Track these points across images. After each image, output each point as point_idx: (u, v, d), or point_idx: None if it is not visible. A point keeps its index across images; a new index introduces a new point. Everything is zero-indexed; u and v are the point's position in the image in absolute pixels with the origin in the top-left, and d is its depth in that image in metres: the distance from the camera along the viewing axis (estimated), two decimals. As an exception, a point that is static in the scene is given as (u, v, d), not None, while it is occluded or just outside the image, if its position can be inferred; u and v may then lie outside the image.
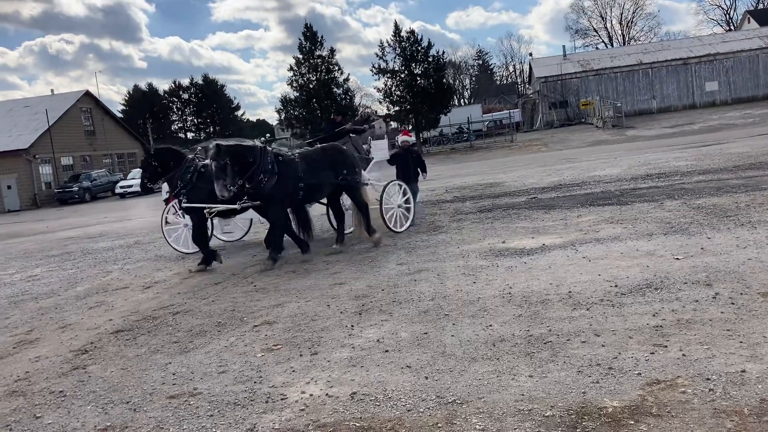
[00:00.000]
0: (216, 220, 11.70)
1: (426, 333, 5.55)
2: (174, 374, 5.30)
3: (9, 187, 45.23)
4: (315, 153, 10.16)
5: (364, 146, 12.54)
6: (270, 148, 9.61)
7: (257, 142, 9.85)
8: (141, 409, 4.63)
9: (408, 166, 11.99)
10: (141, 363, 5.72)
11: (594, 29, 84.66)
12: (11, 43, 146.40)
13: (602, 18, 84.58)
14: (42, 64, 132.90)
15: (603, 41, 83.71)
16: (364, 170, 11.45)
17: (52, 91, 55.62)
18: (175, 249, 12.04)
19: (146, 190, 10.78)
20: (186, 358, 5.71)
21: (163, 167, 10.06)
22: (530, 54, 78.44)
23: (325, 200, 11.08)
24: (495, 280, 7.09)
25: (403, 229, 11.24)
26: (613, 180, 15.12)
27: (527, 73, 76.89)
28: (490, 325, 5.55)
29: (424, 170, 12.28)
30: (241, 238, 13.02)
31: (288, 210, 10.02)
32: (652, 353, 4.55)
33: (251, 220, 12.25)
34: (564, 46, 70.34)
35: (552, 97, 61.43)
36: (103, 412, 4.67)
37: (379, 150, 12.48)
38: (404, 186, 11.54)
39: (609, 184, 14.48)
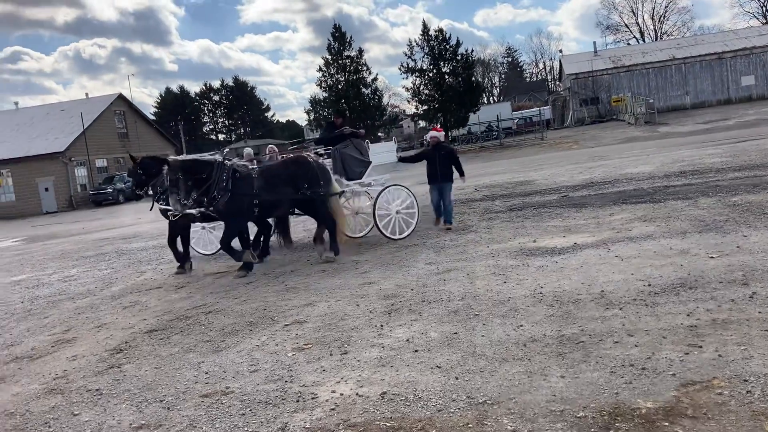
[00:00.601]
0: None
1: (456, 333, 5.53)
2: (207, 373, 5.36)
3: (46, 189, 46.21)
4: (274, 168, 10.02)
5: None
6: (229, 164, 9.57)
7: (218, 157, 9.75)
8: (174, 408, 4.69)
9: (435, 163, 11.29)
10: (174, 362, 5.80)
11: (625, 25, 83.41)
12: (47, 49, 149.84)
13: (634, 13, 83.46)
14: (76, 68, 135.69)
15: (634, 37, 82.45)
16: (363, 175, 11.20)
17: (86, 94, 56.67)
18: (195, 250, 12.20)
19: (136, 196, 10.96)
20: (218, 357, 5.78)
21: (147, 175, 10.13)
22: (560, 51, 77.90)
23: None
24: (526, 280, 7.04)
25: (402, 236, 10.78)
26: (645, 177, 14.89)
27: (557, 69, 76.14)
28: (521, 326, 5.52)
29: (459, 170, 11.35)
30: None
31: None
32: (687, 354, 4.47)
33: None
34: (595, 43, 69.76)
35: (583, 93, 60.75)
36: (138, 410, 4.75)
37: (380, 153, 11.95)
38: (406, 190, 11.14)
39: (641, 181, 14.27)
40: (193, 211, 9.81)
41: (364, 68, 50.19)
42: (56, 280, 11.79)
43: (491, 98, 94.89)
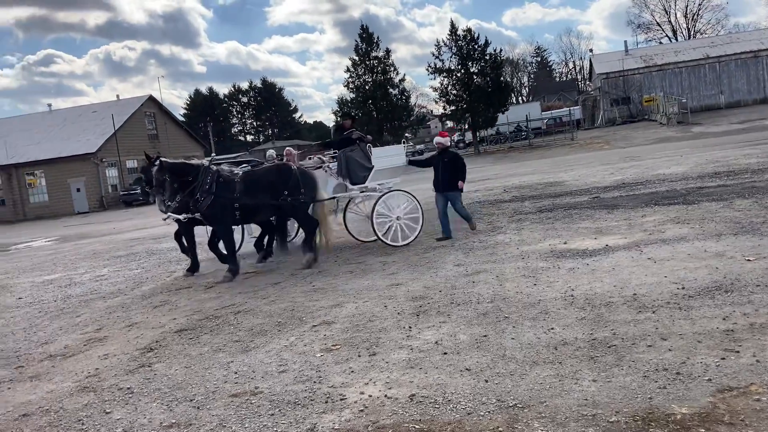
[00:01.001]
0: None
1: (485, 335, 5.48)
2: (236, 373, 5.39)
3: (78, 190, 47.05)
4: (255, 174, 10.25)
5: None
6: (214, 168, 9.88)
7: (205, 162, 10.11)
8: (204, 407, 4.72)
9: (438, 170, 10.95)
10: (204, 361, 5.84)
11: (657, 23, 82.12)
12: (78, 52, 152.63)
13: (666, 11, 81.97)
14: (107, 70, 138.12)
15: (667, 35, 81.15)
16: (365, 180, 11.00)
17: (117, 96, 57.55)
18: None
19: (145, 194, 11.14)
20: (247, 357, 5.80)
21: (149, 183, 10.23)
22: (590, 50, 77.03)
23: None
24: (556, 282, 6.95)
25: (403, 243, 10.59)
26: (678, 178, 14.64)
27: (587, 69, 75.36)
28: (552, 328, 5.44)
29: (460, 177, 10.87)
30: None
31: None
32: (723, 359, 4.37)
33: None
34: (626, 42, 68.83)
35: (614, 93, 60.04)
36: (168, 409, 4.79)
37: (386, 157, 11.54)
38: (409, 196, 10.96)
39: (674, 182, 14.03)
40: (180, 216, 10.23)
41: (392, 69, 50.20)
42: (88, 279, 11.98)
43: (520, 98, 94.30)
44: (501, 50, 51.68)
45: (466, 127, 51.89)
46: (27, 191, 47.67)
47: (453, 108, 49.76)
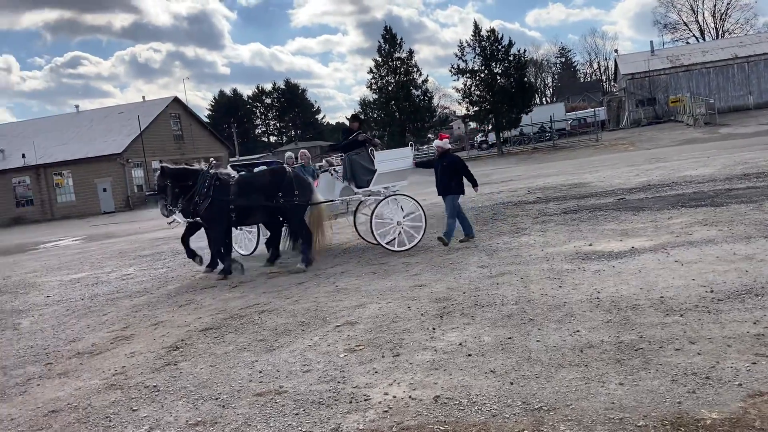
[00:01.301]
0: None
1: (510, 338, 5.45)
2: (260, 372, 5.42)
3: (104, 190, 47.66)
4: (250, 177, 10.70)
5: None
6: (212, 172, 10.35)
7: (203, 167, 10.57)
8: (229, 406, 4.75)
9: (437, 174, 10.67)
10: (229, 360, 5.88)
11: (684, 23, 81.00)
12: (105, 54, 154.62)
13: (693, 11, 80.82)
14: (132, 72, 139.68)
15: (694, 35, 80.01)
16: (369, 184, 10.92)
17: (143, 97, 58.34)
18: (235, 251, 12.47)
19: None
20: (271, 356, 5.83)
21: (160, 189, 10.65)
22: (615, 50, 76.23)
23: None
24: (582, 285, 6.89)
25: (403, 248, 10.46)
26: (706, 180, 14.43)
27: (612, 70, 74.70)
28: (578, 331, 5.39)
29: (470, 179, 10.58)
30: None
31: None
32: (754, 363, 4.29)
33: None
34: (652, 42, 67.73)
35: (639, 94, 59.35)
36: (194, 407, 4.83)
37: (391, 160, 11.27)
38: (412, 201, 10.80)
39: (702, 184, 13.83)
40: (179, 219, 10.71)
41: (415, 69, 50.13)
42: (114, 278, 12.12)
43: (544, 99, 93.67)
44: (525, 51, 51.42)
45: (490, 127, 51.66)
46: (54, 191, 48.39)
47: (476, 109, 49.58)
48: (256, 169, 12.41)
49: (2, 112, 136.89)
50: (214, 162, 11.11)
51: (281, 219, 10.96)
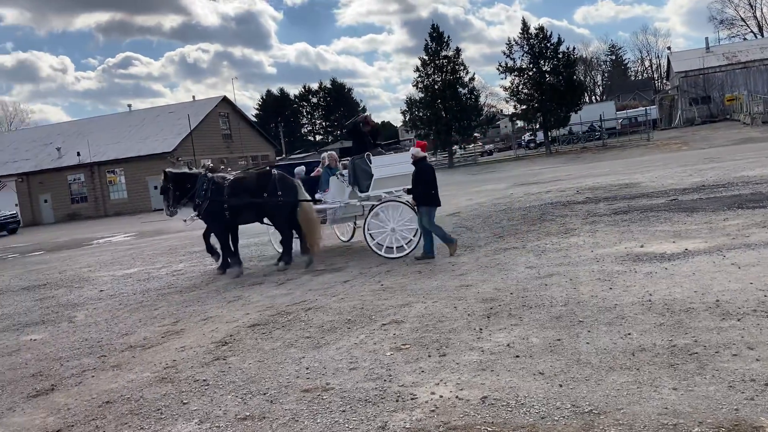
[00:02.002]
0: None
1: (559, 339, 5.36)
2: (307, 368, 5.46)
3: (155, 188, 48.70)
4: (241, 179, 11.39)
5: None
6: (210, 176, 11.27)
7: (201, 170, 11.69)
8: (277, 401, 4.80)
9: (413, 183, 10.20)
10: (276, 356, 5.94)
11: (741, 18, 78.44)
12: (155, 54, 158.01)
13: (751, 6, 78.17)
14: (182, 72, 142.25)
15: (752, 31, 77.38)
16: (370, 188, 10.95)
17: (193, 97, 59.41)
18: (273, 245, 13.10)
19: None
20: (318, 353, 5.87)
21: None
22: (668, 48, 74.22)
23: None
24: (633, 287, 6.74)
25: (398, 255, 10.30)
26: (764, 181, 13.94)
27: (665, 67, 72.87)
28: (629, 334, 5.27)
29: (420, 191, 9.99)
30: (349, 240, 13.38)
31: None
32: (817, 371, 4.13)
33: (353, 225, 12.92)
34: (707, 38, 65.81)
35: (693, 92, 57.81)
36: (243, 402, 4.89)
37: (384, 166, 10.97)
38: (404, 208, 10.46)
39: (760, 185, 13.37)
40: (178, 216, 11.67)
41: (462, 68, 49.78)
42: (165, 273, 12.39)
43: (593, 97, 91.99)
44: (574, 48, 50.55)
45: (537, 126, 50.96)
46: (108, 188, 49.70)
47: (524, 107, 48.95)
48: (296, 169, 12.54)
49: (58, 111, 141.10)
50: (211, 165, 12.04)
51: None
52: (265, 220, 11.52)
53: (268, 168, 11.71)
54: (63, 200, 49.66)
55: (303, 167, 12.90)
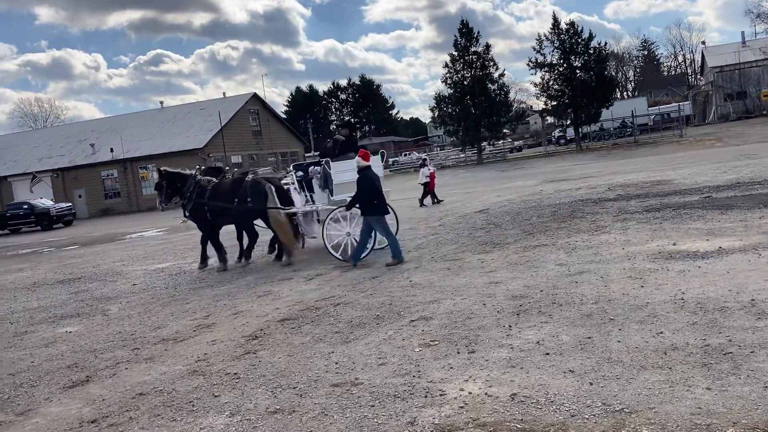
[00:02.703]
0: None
1: (590, 337, 5.32)
2: (336, 363, 5.49)
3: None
4: (220, 184, 12.16)
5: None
6: (198, 178, 12.17)
7: (192, 171, 12.57)
8: (307, 395, 4.84)
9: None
10: (306, 351, 5.99)
11: (778, 12, 76.59)
12: (185, 51, 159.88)
13: (789, -1, 76.30)
14: (211, 69, 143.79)
15: (789, 25, 75.54)
16: (333, 194, 11.46)
17: (224, 94, 59.91)
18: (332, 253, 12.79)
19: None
20: (347, 348, 5.90)
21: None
22: (703, 42, 73.01)
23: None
24: (665, 285, 6.65)
25: (344, 257, 10.59)
26: (801, 178, 13.64)
27: (699, 62, 71.56)
28: (661, 332, 5.21)
29: (352, 201, 10.30)
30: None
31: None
32: None
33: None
34: (743, 33, 64.59)
35: (728, 88, 56.70)
36: (273, 395, 4.94)
37: (344, 171, 11.14)
38: (348, 213, 10.66)
39: (797, 182, 13.07)
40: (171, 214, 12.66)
41: (491, 64, 49.45)
42: (196, 268, 12.54)
43: (625, 93, 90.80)
44: (606, 44, 49.94)
45: (568, 122, 50.45)
46: (140, 184, 50.44)
47: (554, 103, 48.55)
48: (311, 169, 12.53)
49: (91, 108, 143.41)
50: (218, 164, 12.68)
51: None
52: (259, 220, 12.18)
53: (246, 173, 12.57)
54: (96, 195, 50.54)
55: (319, 167, 12.98)
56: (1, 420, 5.22)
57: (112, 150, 49.57)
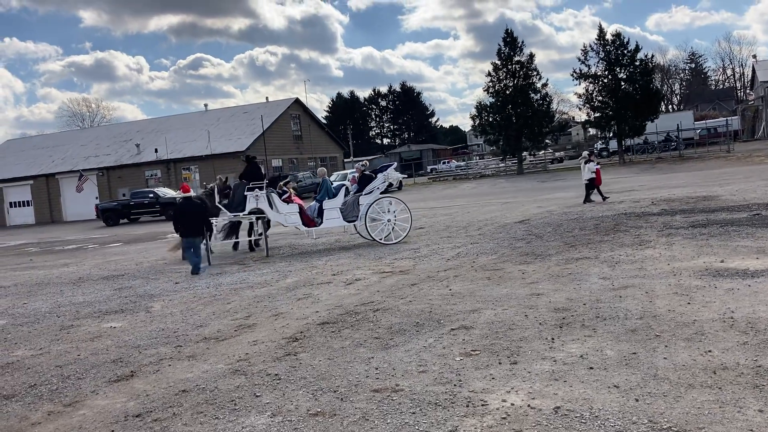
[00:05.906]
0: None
1: (635, 353, 5.22)
2: (377, 369, 5.50)
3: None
4: (188, 199, 13.39)
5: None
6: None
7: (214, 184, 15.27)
8: (347, 399, 4.85)
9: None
10: (346, 355, 6.01)
11: (833, 27, 74.44)
12: (225, 56, 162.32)
13: (844, 13, 74.11)
14: (251, 74, 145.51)
15: (844, 40, 73.35)
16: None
17: (266, 98, 60.64)
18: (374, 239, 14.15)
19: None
20: (387, 354, 5.90)
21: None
22: (754, 56, 71.25)
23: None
24: (713, 303, 6.49)
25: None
26: None
27: (749, 77, 69.87)
28: (710, 351, 5.09)
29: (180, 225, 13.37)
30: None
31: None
32: None
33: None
34: (795, 47, 62.80)
35: (778, 103, 55.18)
36: (314, 398, 4.97)
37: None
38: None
39: None
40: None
41: (534, 73, 49.07)
42: (236, 270, 12.70)
43: (670, 106, 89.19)
44: (652, 56, 49.16)
45: (611, 135, 49.72)
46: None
47: (597, 115, 47.91)
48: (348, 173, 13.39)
49: (134, 109, 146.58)
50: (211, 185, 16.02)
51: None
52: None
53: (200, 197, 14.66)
54: (140, 195, 51.50)
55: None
56: (50, 409, 5.35)
57: (156, 150, 50.53)
